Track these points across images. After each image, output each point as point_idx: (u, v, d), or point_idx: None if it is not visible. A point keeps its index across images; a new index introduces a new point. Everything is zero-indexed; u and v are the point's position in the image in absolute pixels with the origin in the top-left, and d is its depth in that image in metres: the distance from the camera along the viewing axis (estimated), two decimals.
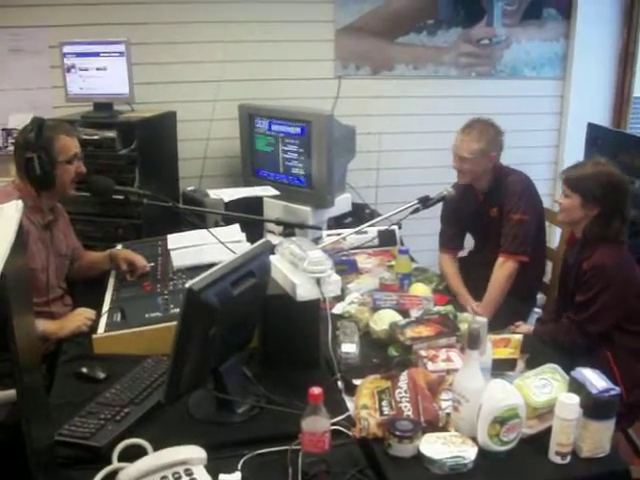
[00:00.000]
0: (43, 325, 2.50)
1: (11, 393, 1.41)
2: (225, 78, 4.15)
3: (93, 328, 2.48)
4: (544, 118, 4.77)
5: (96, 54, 3.65)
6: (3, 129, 3.97)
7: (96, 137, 3.52)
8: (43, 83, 4.01)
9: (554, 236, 3.95)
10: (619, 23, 4.65)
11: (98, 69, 3.67)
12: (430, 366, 2.19)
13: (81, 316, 2.58)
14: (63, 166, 2.70)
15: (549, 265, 3.56)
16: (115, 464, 1.76)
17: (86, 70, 3.68)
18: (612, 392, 1.83)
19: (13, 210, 1.57)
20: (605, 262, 2.65)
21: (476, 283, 3.41)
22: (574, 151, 4.44)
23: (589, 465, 1.83)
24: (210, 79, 4.15)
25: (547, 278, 3.57)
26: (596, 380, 1.85)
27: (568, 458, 1.82)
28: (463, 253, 3.71)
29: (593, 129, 4.33)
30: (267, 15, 4.17)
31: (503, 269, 3.27)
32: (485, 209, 3.42)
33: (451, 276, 3.47)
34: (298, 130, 3.71)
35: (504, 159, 3.37)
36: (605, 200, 2.69)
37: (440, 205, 3.40)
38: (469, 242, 3.69)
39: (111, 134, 3.52)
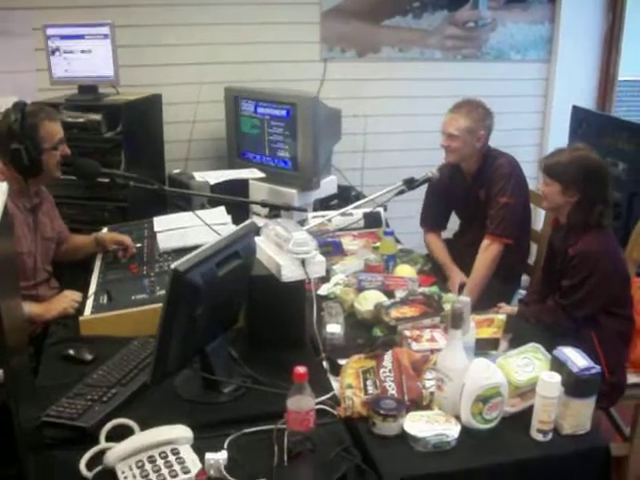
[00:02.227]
0: (29, 308, 2.50)
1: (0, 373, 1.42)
2: (210, 60, 4.14)
3: (80, 310, 2.49)
4: (529, 101, 4.78)
5: (80, 36, 3.62)
6: None
7: (81, 120, 3.50)
8: (27, 66, 3.97)
9: (538, 218, 3.97)
10: (604, 6, 4.65)
11: (83, 52, 3.64)
12: (414, 346, 2.21)
13: (67, 298, 2.59)
14: (49, 152, 2.68)
15: (533, 247, 3.59)
16: (102, 444, 1.78)
17: (71, 53, 3.65)
18: (593, 370, 1.86)
19: None
20: (590, 249, 2.67)
21: (462, 265, 3.44)
22: (559, 134, 4.46)
23: (570, 442, 1.86)
24: (195, 61, 4.14)
25: (531, 260, 3.60)
26: (577, 359, 1.88)
27: (549, 435, 1.85)
28: (448, 235, 3.73)
29: (578, 112, 4.34)
30: None
31: (488, 251, 3.30)
32: (473, 191, 3.44)
33: (438, 250, 3.53)
34: (284, 112, 3.71)
35: (489, 141, 3.39)
36: (584, 186, 2.69)
37: (425, 187, 3.42)
38: (453, 224, 3.72)
39: (96, 117, 3.50)
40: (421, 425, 1.83)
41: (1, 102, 3.69)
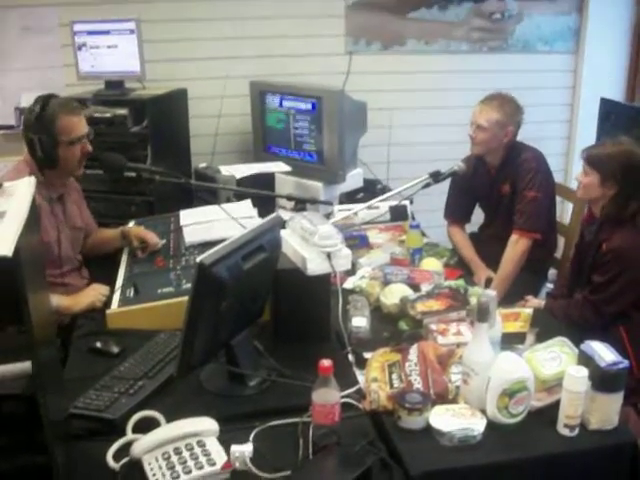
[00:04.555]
0: (57, 300, 2.51)
1: (29, 365, 1.44)
2: (235, 55, 4.15)
3: (107, 303, 2.51)
4: (557, 93, 4.73)
5: (107, 32, 3.65)
6: (16, 108, 3.98)
7: (108, 115, 3.53)
8: (55, 62, 4.01)
9: (566, 212, 3.93)
10: None
11: (109, 47, 3.67)
12: (440, 340, 2.21)
13: (95, 292, 2.61)
14: (66, 146, 2.66)
15: (561, 240, 3.56)
16: (129, 436, 1.80)
17: (97, 48, 3.68)
18: (620, 365, 1.83)
19: (26, 186, 1.59)
20: (624, 245, 2.64)
21: (486, 258, 3.42)
22: (587, 126, 4.42)
23: (597, 437, 1.85)
24: (221, 56, 4.15)
25: (559, 253, 3.57)
26: (605, 353, 1.86)
27: (576, 430, 1.83)
28: (473, 228, 3.72)
29: (606, 104, 4.29)
30: None
31: (517, 246, 3.28)
32: (497, 185, 3.43)
33: (462, 245, 3.51)
34: (309, 106, 3.70)
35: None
36: (623, 180, 2.67)
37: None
38: (479, 217, 3.69)
39: (123, 112, 3.53)
40: (447, 419, 1.82)
41: (31, 98, 3.73)
